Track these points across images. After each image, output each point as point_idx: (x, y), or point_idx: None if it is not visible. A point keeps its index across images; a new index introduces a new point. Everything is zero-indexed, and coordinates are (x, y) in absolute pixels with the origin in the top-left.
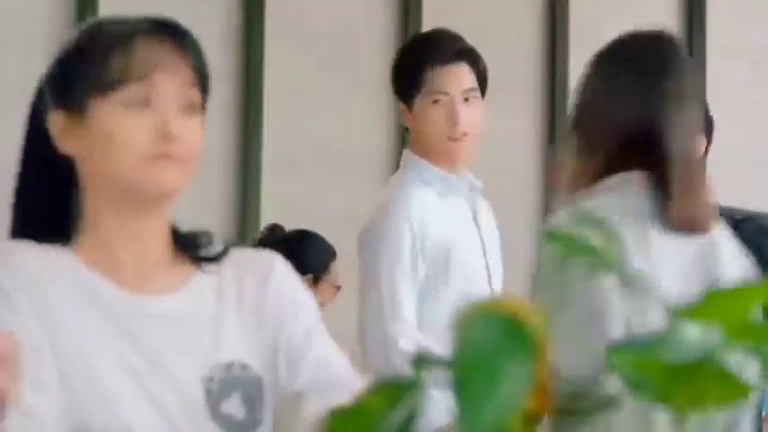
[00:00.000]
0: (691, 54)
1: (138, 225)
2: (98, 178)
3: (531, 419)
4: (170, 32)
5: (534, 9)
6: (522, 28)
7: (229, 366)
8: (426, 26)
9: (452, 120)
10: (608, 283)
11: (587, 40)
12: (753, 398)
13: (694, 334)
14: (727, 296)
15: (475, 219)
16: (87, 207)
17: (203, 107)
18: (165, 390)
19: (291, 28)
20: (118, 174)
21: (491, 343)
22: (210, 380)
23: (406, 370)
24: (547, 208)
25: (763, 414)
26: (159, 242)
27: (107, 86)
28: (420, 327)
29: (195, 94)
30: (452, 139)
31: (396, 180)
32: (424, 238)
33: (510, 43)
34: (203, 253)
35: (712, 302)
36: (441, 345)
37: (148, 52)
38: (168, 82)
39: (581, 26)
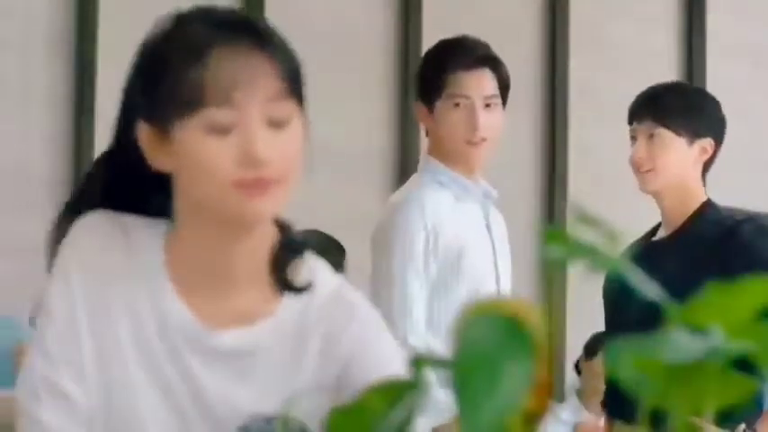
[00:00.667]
0: (690, 54)
1: (226, 247)
2: (189, 197)
3: (531, 419)
4: (251, 37)
5: (534, 9)
6: (523, 28)
7: (269, 421)
8: (426, 27)
9: (472, 124)
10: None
11: (587, 40)
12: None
13: (695, 333)
14: (727, 295)
15: (487, 225)
16: (178, 219)
17: (300, 107)
18: (204, 429)
19: (291, 29)
20: (206, 199)
21: (491, 343)
22: (246, 430)
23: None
24: (547, 207)
25: (765, 409)
26: (249, 263)
27: (186, 108)
28: (429, 325)
29: (284, 107)
30: (471, 143)
31: (412, 182)
32: (437, 238)
33: (510, 43)
34: (293, 280)
35: (713, 302)
36: (447, 344)
37: (226, 68)
38: (251, 101)
39: (581, 26)
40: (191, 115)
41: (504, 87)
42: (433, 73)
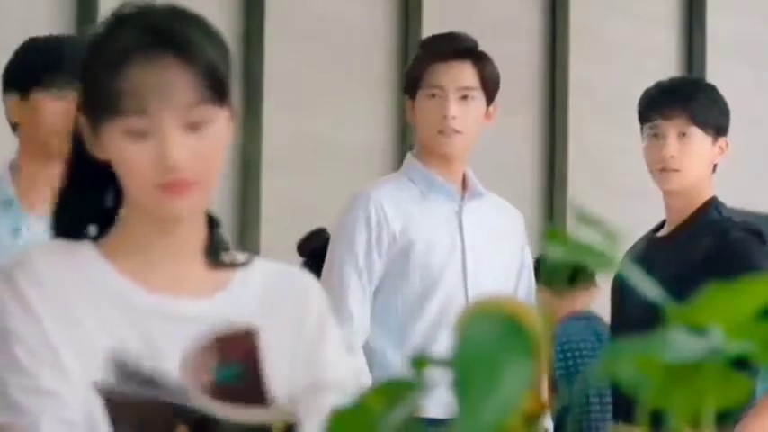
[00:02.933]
0: (690, 53)
1: (169, 232)
2: (125, 187)
3: (531, 420)
4: (171, 45)
5: (534, 8)
6: (522, 27)
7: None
8: (426, 26)
9: (442, 113)
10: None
11: (587, 38)
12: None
13: (695, 333)
14: (728, 295)
15: (459, 222)
16: (126, 205)
17: (224, 107)
18: None
19: (291, 27)
20: (134, 196)
21: (491, 343)
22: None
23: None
24: (547, 206)
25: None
26: (194, 245)
27: (106, 114)
28: (377, 319)
29: (201, 112)
30: (442, 133)
31: (383, 178)
32: (381, 232)
33: (510, 42)
34: (231, 259)
35: (713, 301)
36: (394, 338)
37: (142, 78)
38: (165, 109)
39: (581, 25)
40: (111, 121)
41: (487, 82)
42: (413, 66)
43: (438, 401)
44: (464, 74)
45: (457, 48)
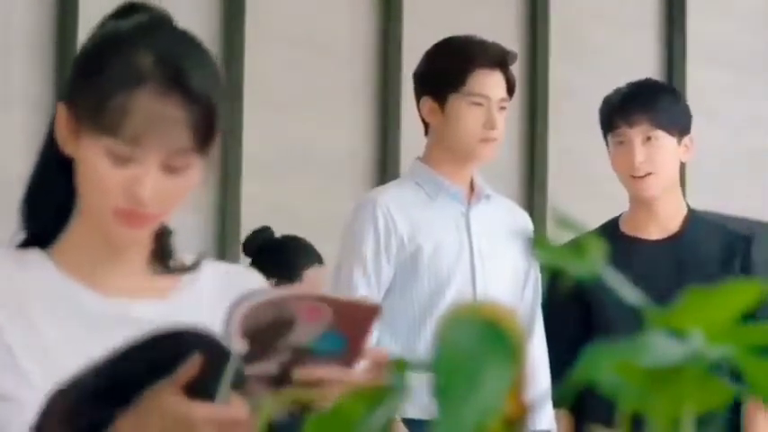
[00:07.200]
0: (671, 58)
1: (119, 249)
2: (83, 192)
3: (511, 423)
4: (181, 82)
5: (515, 13)
6: (503, 32)
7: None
8: (407, 30)
9: (491, 124)
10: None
11: (568, 43)
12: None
13: (674, 337)
14: (708, 299)
15: (467, 224)
16: (80, 209)
17: (204, 154)
18: None
19: (272, 32)
20: (91, 211)
21: (471, 347)
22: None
23: None
24: (527, 211)
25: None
26: (142, 255)
27: (98, 129)
28: (387, 324)
29: (185, 159)
30: (484, 141)
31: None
32: (389, 237)
33: None
34: (179, 263)
35: (694, 305)
36: (403, 343)
37: (148, 109)
38: (157, 148)
39: (562, 30)
40: (99, 135)
41: (512, 91)
42: (452, 68)
43: (417, 403)
44: (502, 84)
45: (501, 56)
